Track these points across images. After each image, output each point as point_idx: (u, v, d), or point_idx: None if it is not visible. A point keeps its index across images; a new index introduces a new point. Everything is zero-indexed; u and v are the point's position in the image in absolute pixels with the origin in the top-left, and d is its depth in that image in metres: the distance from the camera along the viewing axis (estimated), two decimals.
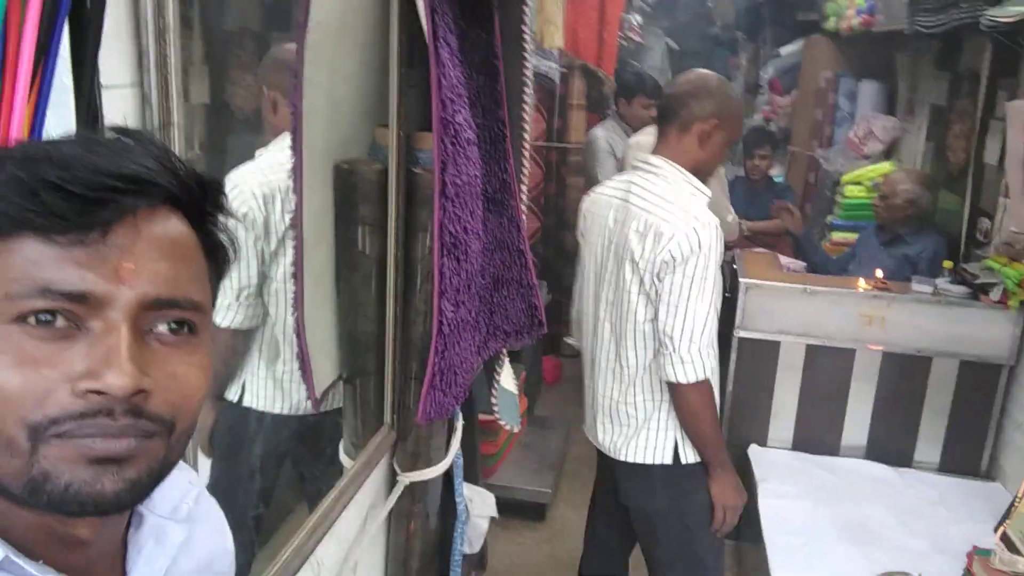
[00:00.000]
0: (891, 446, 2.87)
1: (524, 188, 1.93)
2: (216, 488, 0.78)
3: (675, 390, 1.91)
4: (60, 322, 0.51)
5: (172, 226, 0.55)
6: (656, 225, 1.86)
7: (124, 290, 0.52)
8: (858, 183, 4.05)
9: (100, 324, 0.51)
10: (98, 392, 0.50)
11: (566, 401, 4.58)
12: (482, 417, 3.00)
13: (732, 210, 3.53)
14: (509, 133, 1.81)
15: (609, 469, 2.19)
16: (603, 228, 2.04)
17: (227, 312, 1.56)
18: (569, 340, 2.44)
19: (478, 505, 2.20)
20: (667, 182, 1.93)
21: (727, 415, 2.91)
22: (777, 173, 4.91)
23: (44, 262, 0.50)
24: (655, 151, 2.01)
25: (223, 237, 0.61)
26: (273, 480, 1.65)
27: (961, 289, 2.75)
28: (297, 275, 1.51)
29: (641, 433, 2.02)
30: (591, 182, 4.34)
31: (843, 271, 3.37)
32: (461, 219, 1.51)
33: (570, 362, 4.95)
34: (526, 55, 1.89)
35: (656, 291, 1.88)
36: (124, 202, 0.51)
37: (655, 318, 1.90)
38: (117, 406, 0.51)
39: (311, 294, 1.54)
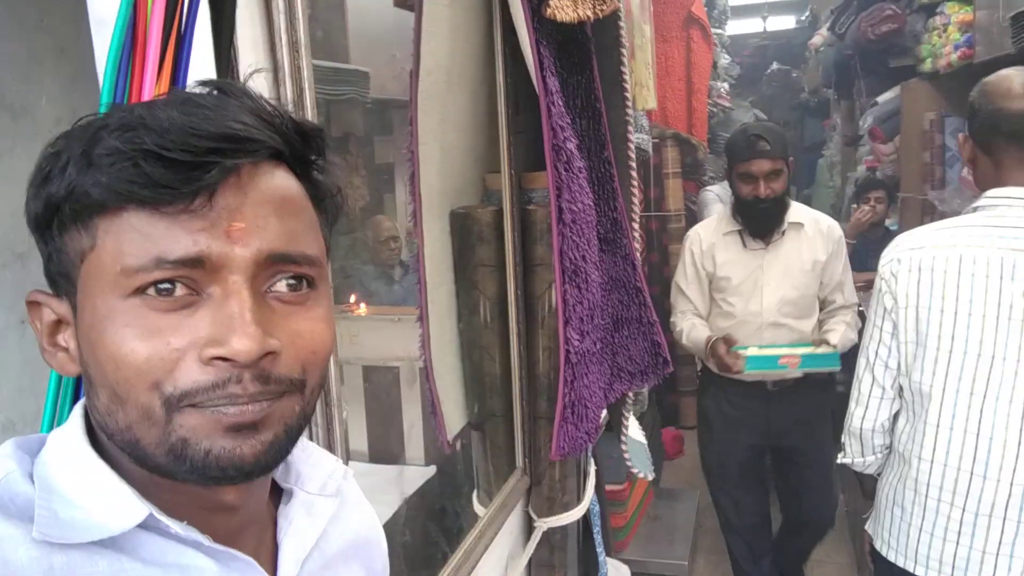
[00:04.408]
0: None
1: (636, 226, 1.91)
2: None
3: None
4: (180, 291, 0.50)
5: (278, 180, 0.54)
6: None
7: (238, 250, 0.51)
8: None
9: (219, 289, 0.51)
10: (225, 359, 0.49)
11: (690, 473, 4.40)
12: (609, 487, 2.90)
13: None
14: (616, 172, 1.81)
15: None
16: (984, 289, 1.49)
17: None
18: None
19: None
20: None
21: None
22: (891, 222, 4.73)
23: (155, 233, 0.49)
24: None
25: (330, 184, 0.60)
26: (417, 509, 1.62)
27: None
28: (422, 317, 1.52)
29: None
30: None
31: None
32: (579, 246, 1.50)
33: (691, 434, 4.75)
34: (627, 96, 1.90)
35: None
36: (226, 163, 0.50)
37: None
38: (246, 372, 0.50)
39: (436, 337, 1.54)
